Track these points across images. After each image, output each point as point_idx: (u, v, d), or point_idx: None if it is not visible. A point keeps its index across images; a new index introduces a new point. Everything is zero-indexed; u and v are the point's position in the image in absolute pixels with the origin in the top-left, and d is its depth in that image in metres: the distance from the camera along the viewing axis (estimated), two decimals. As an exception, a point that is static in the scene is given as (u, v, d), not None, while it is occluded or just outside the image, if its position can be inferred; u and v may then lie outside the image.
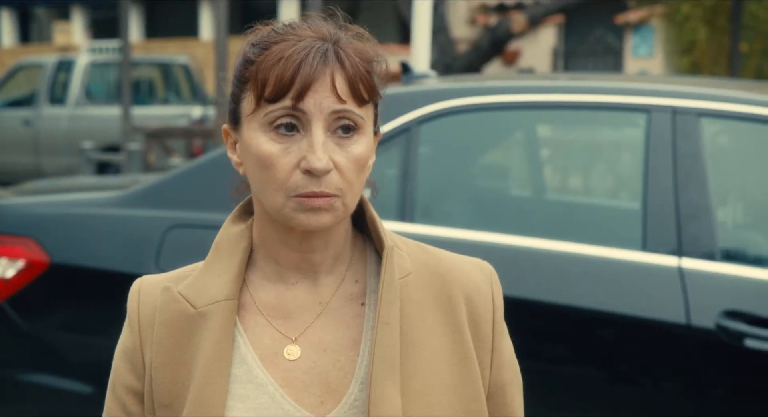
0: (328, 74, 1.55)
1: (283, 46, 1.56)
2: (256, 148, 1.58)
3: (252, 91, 1.58)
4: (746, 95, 3.97)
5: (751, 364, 3.56)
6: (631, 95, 3.93)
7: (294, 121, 1.56)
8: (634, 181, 4.03)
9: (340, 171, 1.56)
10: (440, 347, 1.63)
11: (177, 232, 4.11)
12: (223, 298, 1.64)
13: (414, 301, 1.64)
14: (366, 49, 1.61)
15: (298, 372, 1.63)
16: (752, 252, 3.86)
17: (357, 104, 1.58)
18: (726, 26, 16.49)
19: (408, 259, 1.68)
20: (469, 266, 1.71)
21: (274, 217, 1.60)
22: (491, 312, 1.69)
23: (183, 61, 16.66)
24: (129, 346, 1.68)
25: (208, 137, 11.50)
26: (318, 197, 1.55)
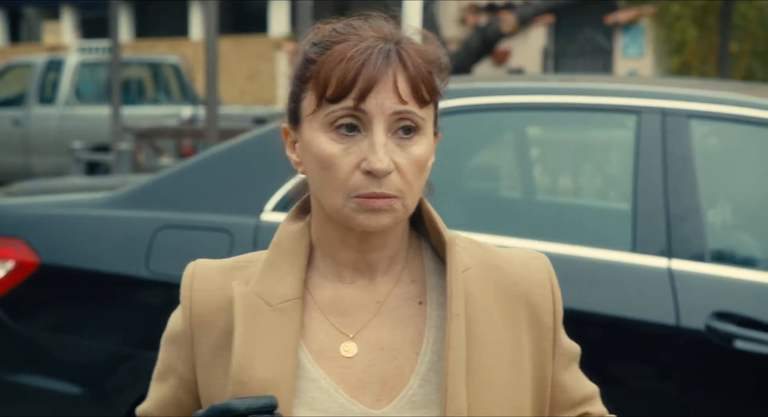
0: (391, 75, 1.55)
1: (345, 46, 1.56)
2: (317, 148, 1.58)
3: (313, 91, 1.58)
4: (736, 97, 3.97)
5: (740, 365, 3.57)
6: (621, 97, 3.93)
7: (355, 122, 1.56)
8: (624, 182, 4.03)
9: (401, 172, 1.56)
10: (500, 342, 1.63)
11: (167, 232, 4.10)
12: (294, 297, 1.63)
13: (475, 296, 1.64)
14: (428, 49, 1.60)
15: (354, 369, 1.62)
16: (742, 253, 3.87)
17: (418, 105, 1.57)
18: (716, 26, 16.51)
19: (466, 255, 1.67)
20: (525, 258, 1.71)
21: (333, 217, 1.60)
22: (551, 302, 1.69)
23: (173, 61, 16.64)
24: (179, 332, 1.68)
25: (199, 137, 11.49)
26: (378, 198, 1.55)
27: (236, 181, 4.15)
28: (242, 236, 4.01)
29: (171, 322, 1.71)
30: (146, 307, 4.14)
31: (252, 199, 4.08)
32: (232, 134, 8.23)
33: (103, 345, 4.11)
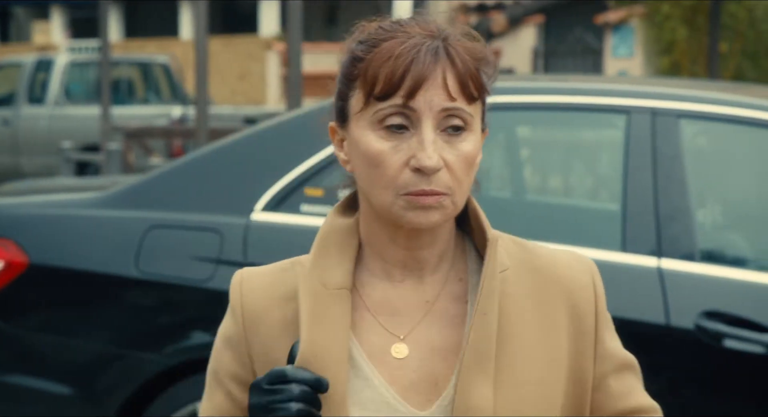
0: (439, 72, 1.55)
1: (393, 44, 1.56)
2: (365, 145, 1.57)
3: (361, 89, 1.58)
4: (725, 96, 3.98)
5: (729, 364, 3.58)
6: (611, 96, 3.94)
7: (403, 119, 1.56)
8: (614, 182, 4.04)
9: (450, 169, 1.56)
10: (534, 342, 1.62)
11: (157, 232, 4.10)
12: (345, 287, 1.64)
13: (511, 296, 1.63)
14: (475, 46, 1.59)
15: (406, 370, 1.62)
16: (731, 253, 3.87)
17: (467, 101, 1.57)
18: (705, 26, 16.54)
19: (505, 255, 1.67)
20: (568, 260, 1.70)
21: (382, 214, 1.60)
22: (593, 304, 1.68)
23: (163, 61, 16.62)
24: (232, 336, 1.67)
25: (189, 137, 11.48)
26: (428, 195, 1.55)
27: (226, 181, 4.15)
28: (232, 236, 4.01)
29: (223, 328, 1.71)
30: (136, 307, 4.14)
31: (242, 199, 4.07)
32: (223, 134, 8.23)
33: (93, 345, 4.10)
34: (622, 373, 1.70)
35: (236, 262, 3.98)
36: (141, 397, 4.07)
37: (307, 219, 4.02)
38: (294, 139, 4.15)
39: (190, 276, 4.02)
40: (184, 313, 4.10)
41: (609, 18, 20.20)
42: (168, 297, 4.09)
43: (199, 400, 4.12)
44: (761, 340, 3.54)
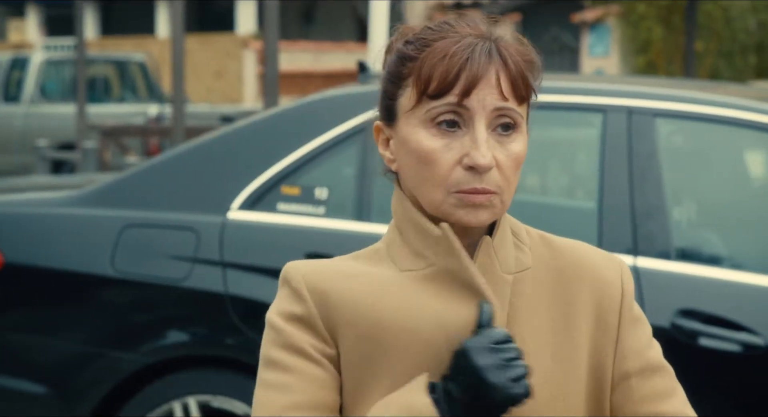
0: (493, 72, 1.57)
1: (447, 43, 1.58)
2: (417, 143, 1.59)
3: (414, 88, 1.59)
4: (701, 95, 4.00)
5: (705, 362, 3.59)
6: (587, 95, 3.95)
7: (456, 118, 1.57)
8: (590, 180, 4.05)
9: (500, 168, 1.58)
10: (546, 343, 1.63)
11: (133, 231, 4.09)
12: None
13: (526, 296, 1.64)
14: (524, 49, 1.62)
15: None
16: (707, 251, 3.89)
17: (517, 102, 1.59)
18: (681, 25, 16.60)
19: (529, 254, 1.68)
20: (595, 256, 1.71)
21: (431, 212, 1.61)
22: (618, 302, 1.68)
23: (139, 59, 16.58)
24: (303, 315, 1.62)
25: (165, 135, 11.44)
26: (479, 194, 1.56)
27: (202, 180, 4.14)
28: (208, 235, 4.00)
29: (285, 309, 1.64)
30: (112, 306, 4.12)
31: (218, 198, 4.07)
32: (199, 132, 8.21)
33: (68, 344, 4.09)
34: (648, 377, 1.69)
35: (212, 261, 3.98)
36: (117, 397, 4.05)
37: (283, 217, 4.02)
38: (270, 138, 4.15)
39: (166, 275, 4.01)
40: (160, 312, 4.09)
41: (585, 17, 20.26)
42: (144, 296, 4.08)
43: (175, 399, 4.13)
44: (736, 339, 3.56)
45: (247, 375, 3.98)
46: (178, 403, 4.01)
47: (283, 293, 1.65)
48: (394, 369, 1.60)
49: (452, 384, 1.54)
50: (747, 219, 4.00)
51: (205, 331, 4.04)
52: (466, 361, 1.53)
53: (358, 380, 1.61)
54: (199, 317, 4.04)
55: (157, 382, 4.03)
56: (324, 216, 4.01)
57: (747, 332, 3.56)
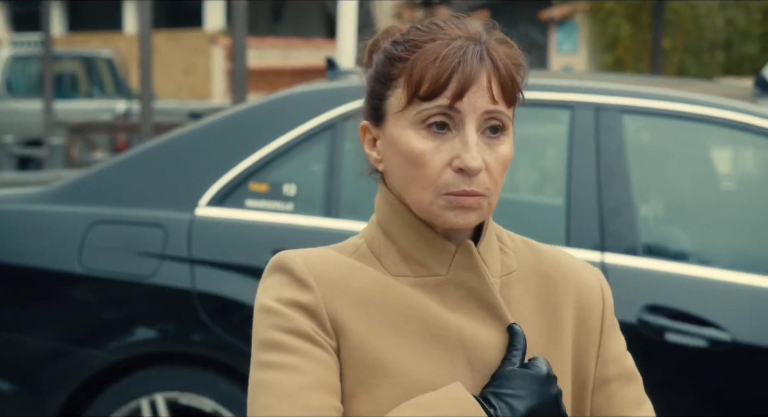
0: (485, 75, 1.57)
1: (437, 45, 1.58)
2: (407, 145, 1.59)
3: (404, 89, 1.59)
4: (668, 92, 4.02)
5: (671, 357, 3.61)
6: (555, 92, 3.96)
7: (446, 120, 1.58)
8: (558, 177, 4.06)
9: (489, 171, 1.58)
10: (536, 344, 1.64)
11: (100, 228, 4.07)
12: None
13: (514, 299, 1.66)
14: (512, 51, 1.63)
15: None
16: (673, 247, 3.91)
17: (506, 105, 1.60)
18: (649, 23, 16.68)
19: (513, 257, 1.69)
20: (577, 264, 1.74)
21: (418, 213, 1.61)
22: (600, 307, 1.71)
23: (107, 55, 16.51)
24: (307, 304, 1.59)
25: (133, 132, 11.40)
26: (468, 196, 1.57)
27: (170, 176, 4.13)
28: (176, 231, 3.99)
29: (284, 294, 1.61)
30: (79, 303, 4.10)
31: (186, 194, 4.06)
32: (168, 129, 8.19)
33: (35, 341, 4.07)
34: (626, 384, 1.72)
35: (180, 257, 3.97)
36: (85, 394, 4.04)
37: (251, 214, 4.01)
38: (239, 134, 4.14)
39: (134, 272, 4.00)
40: (127, 309, 4.07)
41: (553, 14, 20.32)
42: (111, 293, 4.07)
43: (143, 396, 4.12)
44: (702, 334, 3.58)
45: (215, 372, 3.97)
46: (146, 400, 4.00)
47: (280, 281, 1.62)
48: (398, 376, 1.58)
49: (517, 401, 1.55)
50: (714, 215, 4.02)
51: (172, 328, 4.03)
52: (541, 387, 1.56)
53: (357, 380, 1.58)
54: (166, 314, 4.03)
55: (124, 379, 4.02)
56: (292, 212, 4.01)
57: (713, 328, 3.58)
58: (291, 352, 1.56)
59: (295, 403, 1.52)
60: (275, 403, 1.52)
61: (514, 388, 1.55)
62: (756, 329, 3.60)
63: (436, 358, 1.59)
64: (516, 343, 1.59)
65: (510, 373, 1.57)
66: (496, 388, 1.56)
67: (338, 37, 7.45)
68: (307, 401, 1.52)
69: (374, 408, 1.56)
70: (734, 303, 3.65)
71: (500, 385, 1.56)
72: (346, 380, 1.58)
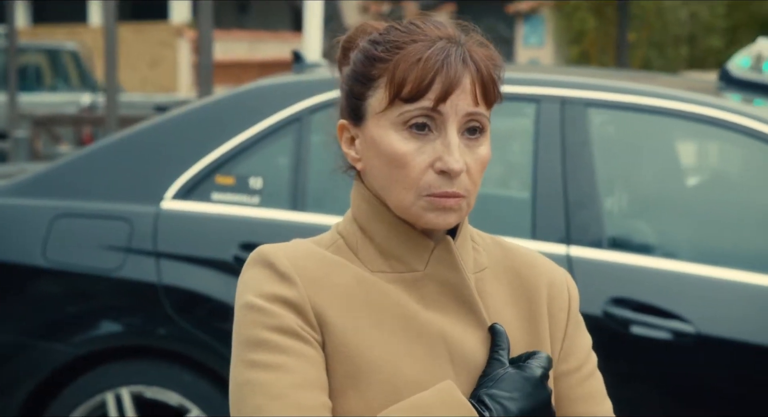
0: (468, 78, 1.59)
1: (419, 47, 1.59)
2: (388, 146, 1.60)
3: (386, 90, 1.60)
4: (633, 86, 4.04)
5: (636, 350, 3.63)
6: (521, 85, 3.97)
7: (428, 121, 1.59)
8: (524, 170, 4.07)
9: (469, 172, 1.60)
10: (515, 339, 1.66)
11: (65, 221, 4.05)
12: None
13: (489, 295, 1.67)
14: (492, 54, 1.65)
15: None
16: (638, 240, 3.93)
17: (487, 107, 1.62)
18: (614, 17, 16.74)
19: (484, 255, 1.71)
20: (545, 262, 1.76)
21: (398, 213, 1.62)
22: (567, 302, 1.74)
23: (72, 48, 16.41)
24: (291, 299, 1.58)
25: (98, 125, 11.35)
26: (450, 197, 1.58)
27: (136, 169, 4.12)
28: (141, 225, 3.98)
29: (267, 289, 1.59)
30: (43, 296, 4.08)
31: (152, 187, 4.04)
32: (133, 122, 8.15)
33: None
34: (587, 378, 1.74)
35: (146, 251, 3.95)
36: (49, 388, 4.02)
37: (217, 207, 4.00)
38: (205, 127, 4.13)
39: (99, 265, 3.99)
40: (92, 303, 4.05)
41: (520, 7, 20.37)
42: (76, 286, 4.05)
43: (108, 390, 4.10)
44: (667, 326, 3.60)
45: (181, 365, 3.96)
46: (111, 394, 3.98)
47: (262, 275, 1.61)
48: (384, 372, 1.58)
49: (511, 403, 1.56)
50: (678, 208, 4.04)
51: (138, 322, 4.02)
52: (534, 389, 1.57)
53: (344, 375, 1.58)
54: (132, 307, 4.02)
55: (89, 373, 4.00)
56: (258, 205, 4.00)
57: (677, 320, 3.61)
58: (279, 350, 1.56)
59: (287, 402, 1.52)
60: (267, 403, 1.52)
61: (508, 390, 1.56)
62: (719, 321, 3.62)
63: (419, 353, 1.60)
64: (500, 342, 1.61)
65: (504, 375, 1.58)
66: (490, 389, 1.57)
67: (304, 29, 7.43)
68: (298, 400, 1.53)
69: (364, 405, 1.56)
70: (698, 295, 3.68)
71: (494, 386, 1.57)
72: (333, 375, 1.58)
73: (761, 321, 3.63)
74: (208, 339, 3.87)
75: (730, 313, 3.65)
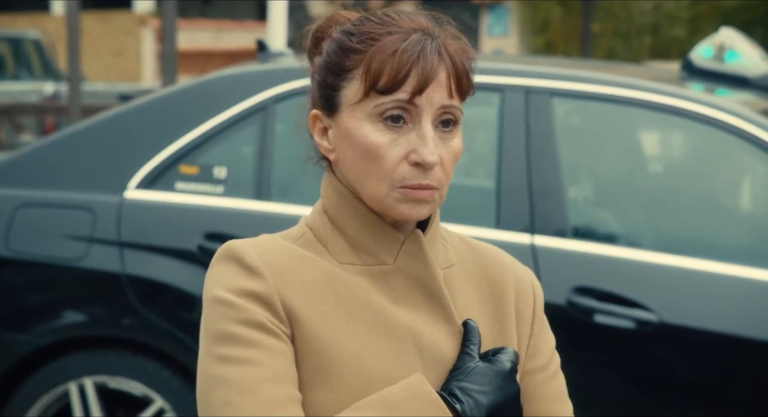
0: (444, 71, 1.59)
1: (394, 39, 1.59)
2: (363, 137, 1.59)
3: (361, 81, 1.59)
4: (597, 75, 4.05)
5: (600, 339, 3.65)
6: (485, 75, 3.97)
7: (403, 113, 1.59)
8: (488, 159, 4.08)
9: (442, 164, 1.61)
10: (483, 337, 1.66)
11: (28, 211, 4.03)
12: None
13: (458, 291, 1.68)
14: (466, 46, 1.65)
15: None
16: (602, 229, 3.94)
17: (460, 99, 1.63)
18: (579, 6, 16.78)
19: (453, 251, 1.72)
20: (511, 260, 1.77)
21: (371, 205, 1.62)
22: (532, 301, 1.75)
23: (34, 36, 16.29)
24: (260, 292, 1.58)
25: (61, 114, 11.28)
26: (424, 189, 1.59)
27: (99, 159, 4.10)
28: (105, 214, 3.96)
29: (234, 283, 1.59)
30: (5, 286, 4.06)
31: (115, 177, 4.02)
32: (97, 111, 8.11)
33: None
34: (552, 377, 1.75)
35: (109, 240, 3.94)
36: (12, 378, 4.00)
37: (181, 197, 3.99)
38: (169, 116, 4.12)
39: (62, 255, 3.97)
40: (55, 293, 4.03)
41: (485, -3, 20.36)
42: (39, 276, 4.03)
43: (71, 380, 4.08)
44: (630, 315, 3.62)
45: (145, 355, 3.95)
46: (74, 384, 3.97)
47: (231, 270, 1.60)
48: (353, 366, 1.58)
49: (483, 396, 1.56)
50: (641, 197, 4.06)
51: (101, 312, 4.00)
52: (504, 382, 1.58)
53: (313, 368, 1.58)
54: (95, 297, 4.00)
55: (52, 364, 3.98)
56: (223, 195, 3.99)
57: (640, 309, 3.63)
58: (247, 344, 1.55)
59: (256, 397, 1.51)
60: (235, 398, 1.51)
61: (479, 383, 1.57)
62: (682, 310, 3.65)
63: (387, 347, 1.60)
64: (472, 337, 1.62)
65: (475, 368, 1.59)
66: (461, 382, 1.57)
67: (269, 18, 7.41)
68: (267, 394, 1.52)
69: (332, 398, 1.56)
70: (661, 284, 3.70)
71: (465, 379, 1.58)
72: (302, 369, 1.57)
73: (723, 309, 3.65)
74: (172, 329, 3.86)
75: (693, 301, 3.68)
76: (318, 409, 1.56)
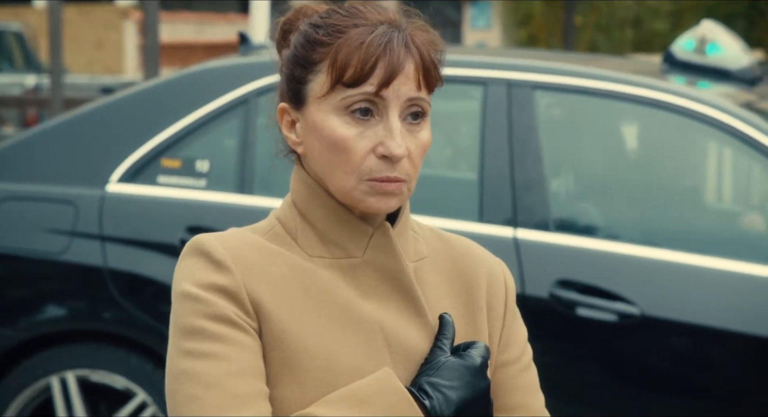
0: (411, 63, 1.59)
1: (361, 32, 1.59)
2: (330, 130, 1.59)
3: (327, 74, 1.59)
4: (579, 68, 4.05)
5: (582, 331, 3.66)
6: (468, 68, 3.98)
7: (370, 106, 1.58)
8: (471, 152, 4.08)
9: (410, 157, 1.60)
10: (457, 329, 1.65)
11: (9, 205, 4.02)
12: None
13: (428, 284, 1.68)
14: (433, 37, 1.65)
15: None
16: (584, 222, 3.95)
17: (428, 91, 1.62)
18: (561, 0, 16.80)
19: (424, 244, 1.71)
20: (482, 252, 1.77)
21: (339, 197, 1.62)
22: (504, 293, 1.74)
23: (16, 29, 16.23)
24: (227, 286, 1.57)
25: (43, 107, 11.24)
26: (392, 182, 1.59)
27: (81, 152, 4.08)
28: (87, 208, 3.95)
29: (202, 278, 1.58)
30: (-13, 280, 4.05)
31: (97, 170, 4.01)
32: (79, 104, 8.08)
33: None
34: (524, 370, 1.75)
35: (91, 234, 3.93)
36: (-6, 373, 3.99)
37: (163, 190, 3.98)
38: (151, 109, 4.11)
39: (44, 249, 3.96)
40: (37, 287, 4.02)
41: (468, -10, 20.36)
42: (20, 270, 4.02)
43: (53, 373, 4.07)
44: (612, 308, 3.63)
45: (127, 349, 3.95)
46: (56, 378, 3.96)
47: (198, 265, 1.59)
48: (321, 359, 1.58)
49: (452, 392, 1.56)
50: (623, 190, 4.07)
51: (83, 306, 3.99)
52: (474, 378, 1.58)
53: (281, 362, 1.58)
54: (77, 291, 3.99)
55: (34, 357, 3.97)
56: (205, 188, 3.98)
57: (622, 302, 3.63)
58: (214, 339, 1.55)
59: (223, 391, 1.51)
60: (202, 392, 1.51)
61: (449, 378, 1.57)
62: (663, 303, 3.66)
63: (355, 341, 1.59)
64: (446, 332, 1.61)
65: (445, 363, 1.58)
66: (431, 377, 1.57)
67: (251, 11, 7.41)
68: (234, 388, 1.52)
69: (300, 392, 1.56)
70: (643, 277, 3.71)
71: (435, 374, 1.57)
72: (270, 362, 1.57)
73: (705, 302, 3.67)
74: (154, 322, 3.86)
75: (675, 295, 3.69)
76: (285, 404, 1.56)
